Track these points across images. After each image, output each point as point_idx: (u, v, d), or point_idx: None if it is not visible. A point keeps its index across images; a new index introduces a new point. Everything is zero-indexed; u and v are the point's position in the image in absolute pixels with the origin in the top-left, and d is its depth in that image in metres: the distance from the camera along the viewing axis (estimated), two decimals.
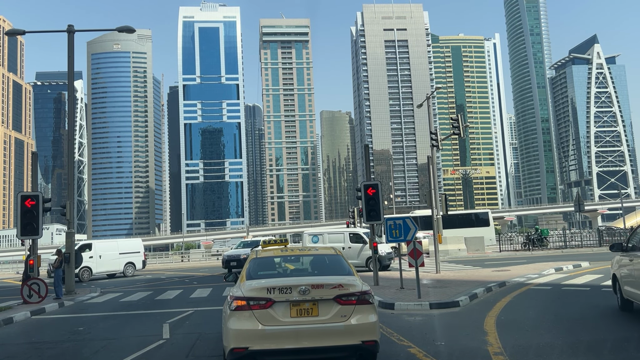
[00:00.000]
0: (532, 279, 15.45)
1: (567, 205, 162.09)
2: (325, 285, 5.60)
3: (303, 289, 5.52)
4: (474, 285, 13.92)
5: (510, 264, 22.02)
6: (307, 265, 6.70)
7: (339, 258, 6.57)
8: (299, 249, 7.24)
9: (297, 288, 5.54)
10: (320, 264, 6.53)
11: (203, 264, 43.69)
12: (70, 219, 17.03)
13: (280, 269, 6.57)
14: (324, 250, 6.97)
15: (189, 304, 13.34)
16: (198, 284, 20.39)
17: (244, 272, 6.25)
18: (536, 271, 17.47)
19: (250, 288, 5.63)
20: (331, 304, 5.55)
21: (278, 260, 6.73)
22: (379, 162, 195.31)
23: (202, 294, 15.69)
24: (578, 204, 29.06)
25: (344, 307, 5.56)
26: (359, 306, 5.59)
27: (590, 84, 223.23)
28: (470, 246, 29.70)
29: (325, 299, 5.54)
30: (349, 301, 5.58)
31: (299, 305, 5.52)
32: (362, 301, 5.62)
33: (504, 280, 14.98)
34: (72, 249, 16.97)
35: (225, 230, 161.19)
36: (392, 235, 13.07)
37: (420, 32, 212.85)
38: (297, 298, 5.51)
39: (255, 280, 5.87)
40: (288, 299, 5.51)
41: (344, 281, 5.73)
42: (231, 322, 5.51)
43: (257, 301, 5.49)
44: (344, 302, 5.57)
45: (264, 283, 5.70)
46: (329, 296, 5.55)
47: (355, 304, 5.58)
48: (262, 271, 6.28)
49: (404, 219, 13.07)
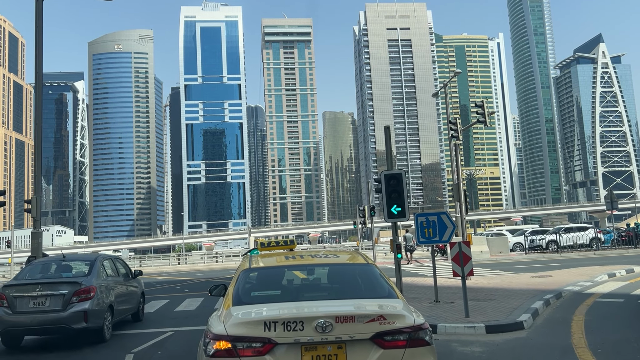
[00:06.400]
0: (589, 288, 12.83)
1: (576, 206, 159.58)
2: (358, 316, 3.62)
3: (322, 322, 3.55)
4: (523, 296, 11.31)
5: (544, 268, 19.39)
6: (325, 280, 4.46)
7: (371, 269, 4.39)
8: (311, 254, 4.85)
9: (312, 322, 3.56)
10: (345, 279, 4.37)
11: (201, 267, 41.16)
12: (37, 216, 14.50)
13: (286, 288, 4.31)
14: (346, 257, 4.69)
15: (171, 320, 10.74)
16: (189, 291, 17.82)
17: (231, 292, 4.14)
18: (585, 277, 14.85)
19: (239, 321, 3.64)
20: (368, 348, 3.58)
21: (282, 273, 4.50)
22: (382, 163, 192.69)
23: (190, 306, 13.11)
24: (611, 201, 26.48)
25: (389, 351, 3.58)
26: (410, 350, 3.60)
27: (596, 83, 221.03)
28: (493, 248, 27.09)
29: (358, 340, 3.58)
30: (396, 342, 3.61)
31: (315, 349, 3.55)
32: (417, 341, 3.63)
33: (555, 289, 12.36)
34: (39, 252, 14.42)
35: (227, 232, 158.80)
36: (425, 235, 10.48)
37: (423, 31, 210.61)
38: (312, 338, 3.55)
39: (247, 308, 3.85)
40: (298, 339, 3.54)
41: (386, 309, 3.73)
42: None
43: (248, 343, 3.52)
44: (388, 343, 3.60)
45: (261, 313, 3.73)
46: (365, 335, 3.59)
47: (405, 346, 3.61)
48: (257, 291, 4.19)
49: (439, 215, 10.49)
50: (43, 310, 8.07)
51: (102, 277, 9.10)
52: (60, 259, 9.55)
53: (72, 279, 8.64)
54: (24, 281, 8.54)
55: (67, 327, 8.03)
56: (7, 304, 8.12)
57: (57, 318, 8.00)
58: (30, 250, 14.60)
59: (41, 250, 14.56)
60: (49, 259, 10.05)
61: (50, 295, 8.17)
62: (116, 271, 10.12)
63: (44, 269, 9.27)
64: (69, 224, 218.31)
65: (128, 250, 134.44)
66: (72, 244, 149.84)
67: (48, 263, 9.58)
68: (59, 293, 8.19)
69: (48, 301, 8.14)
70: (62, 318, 8.00)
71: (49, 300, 8.15)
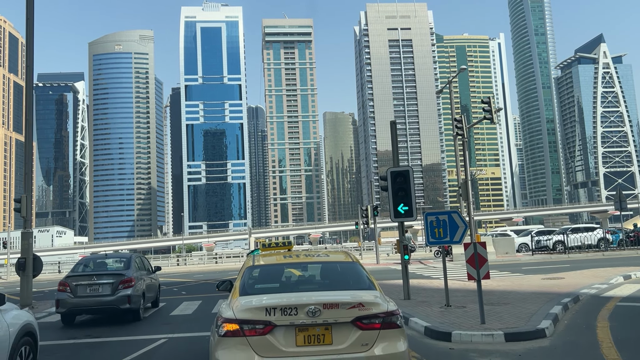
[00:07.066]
0: (606, 291, 12.21)
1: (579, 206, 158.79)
2: (342, 304, 4.42)
3: (313, 309, 4.36)
4: (538, 300, 10.68)
5: (554, 269, 18.76)
6: (317, 275, 5.41)
7: (355, 266, 5.34)
8: (306, 253, 5.78)
9: (304, 308, 4.37)
10: (334, 275, 5.33)
11: (200, 268, 40.53)
12: (27, 216, 13.88)
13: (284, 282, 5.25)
14: (335, 256, 5.66)
15: (165, 326, 10.11)
16: (186, 294, 17.19)
17: (238, 285, 5.05)
18: (600, 279, 14.21)
19: (244, 308, 4.46)
20: (349, 329, 4.39)
21: (281, 270, 5.38)
22: (383, 164, 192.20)
23: (187, 310, 12.48)
24: (619, 201, 25.80)
25: (366, 332, 4.39)
26: (384, 331, 4.42)
27: (597, 83, 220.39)
28: (499, 249, 26.44)
29: (342, 322, 4.38)
30: (372, 325, 4.41)
31: (307, 330, 4.36)
32: (389, 325, 4.45)
33: (570, 292, 11.73)
34: (29, 253, 13.81)
35: (228, 233, 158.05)
36: (435, 236, 9.86)
37: (424, 31, 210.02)
38: (305, 321, 4.35)
39: (252, 297, 4.68)
40: (293, 322, 4.34)
41: (365, 298, 4.54)
42: (219, 353, 4.33)
43: (252, 325, 4.33)
44: (365, 326, 4.40)
45: (262, 301, 4.53)
46: (347, 318, 4.38)
47: (379, 328, 4.42)
48: (260, 284, 5.06)
49: (450, 214, 9.87)
50: (97, 295, 10.68)
51: (136, 270, 11.53)
52: (103, 257, 12.26)
53: (117, 271, 11.23)
54: (81, 273, 11.15)
55: (116, 307, 10.62)
56: (70, 290, 10.67)
57: (108, 300, 10.61)
58: (20, 252, 13.99)
59: (32, 251, 13.96)
60: (95, 256, 12.71)
61: (102, 284, 10.76)
62: (143, 266, 12.42)
63: (93, 264, 11.94)
64: (69, 225, 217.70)
65: (128, 251, 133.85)
66: (72, 244, 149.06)
67: (94, 259, 12.23)
68: (108, 282, 10.76)
69: (101, 288, 10.73)
70: (112, 300, 10.60)
71: (102, 287, 10.74)
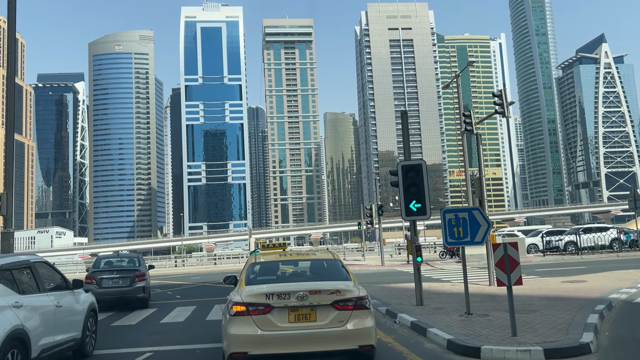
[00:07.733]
0: (637, 296, 11.15)
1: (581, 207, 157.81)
2: (323, 291, 5.65)
3: (301, 294, 5.56)
4: (568, 306, 9.63)
5: (570, 271, 17.73)
6: (306, 270, 6.71)
7: (336, 263, 6.57)
8: (297, 253, 7.07)
9: (295, 294, 5.57)
10: (319, 269, 6.59)
11: (199, 269, 39.48)
12: (8, 214, 12.86)
13: (279, 274, 6.58)
14: (322, 255, 6.90)
15: (153, 336, 9.06)
16: (181, 298, 16.16)
17: (243, 277, 6.23)
18: (626, 283, 13.17)
19: (249, 294, 5.68)
20: (329, 310, 5.61)
21: (277, 266, 6.71)
22: (384, 164, 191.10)
23: (179, 317, 11.43)
24: (634, 200, 24.74)
25: (341, 312, 5.60)
26: (356, 311, 5.64)
27: (598, 83, 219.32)
28: None
29: (323, 305, 5.60)
30: (346, 306, 5.63)
31: (297, 310, 5.56)
32: (359, 306, 5.68)
33: (599, 297, 10.69)
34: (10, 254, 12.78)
35: (228, 233, 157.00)
36: (454, 236, 8.83)
37: (425, 31, 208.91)
38: (295, 304, 5.55)
39: (254, 286, 5.89)
40: (286, 304, 5.55)
41: (341, 287, 5.78)
42: (231, 328, 5.57)
43: (255, 307, 5.55)
44: (341, 307, 5.62)
45: (263, 289, 5.75)
46: (327, 302, 5.61)
47: (352, 309, 5.63)
48: (261, 276, 6.31)
49: (470, 211, 8.83)
50: (119, 286, 13.26)
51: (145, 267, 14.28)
52: (116, 256, 15.10)
53: (133, 267, 13.82)
54: (104, 268, 13.89)
55: (134, 296, 13.25)
56: (96, 282, 13.09)
57: (128, 290, 13.23)
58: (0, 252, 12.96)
59: (13, 252, 12.91)
60: (110, 255, 15.48)
61: (122, 277, 13.38)
62: (145, 265, 14.69)
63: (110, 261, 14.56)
64: (69, 226, 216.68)
65: (128, 251, 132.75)
66: (71, 245, 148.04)
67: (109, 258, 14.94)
68: (127, 276, 13.37)
69: (121, 281, 13.33)
70: (131, 290, 13.24)
71: (122, 280, 13.34)
